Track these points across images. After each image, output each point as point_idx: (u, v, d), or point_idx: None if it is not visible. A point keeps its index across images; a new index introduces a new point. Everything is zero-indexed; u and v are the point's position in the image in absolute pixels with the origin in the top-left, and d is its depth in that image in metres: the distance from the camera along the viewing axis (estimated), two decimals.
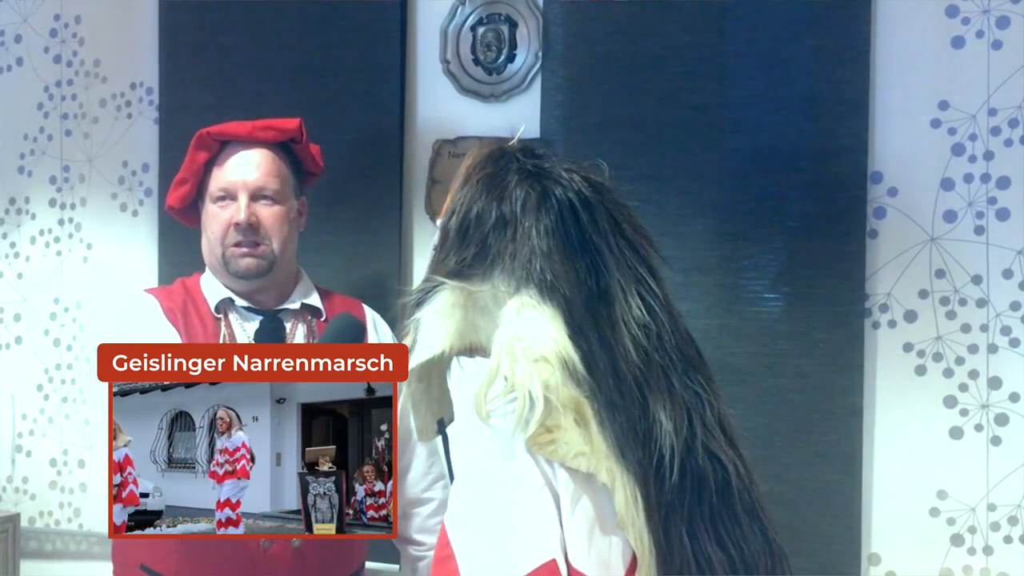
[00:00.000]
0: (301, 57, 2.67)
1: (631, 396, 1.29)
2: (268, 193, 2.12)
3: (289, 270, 2.21)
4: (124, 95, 2.90)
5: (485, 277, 1.35)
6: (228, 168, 2.13)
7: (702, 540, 1.28)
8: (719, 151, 2.30)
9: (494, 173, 1.42)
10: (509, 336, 1.30)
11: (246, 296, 2.17)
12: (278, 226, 2.12)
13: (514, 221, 1.37)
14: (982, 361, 2.11)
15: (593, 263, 1.35)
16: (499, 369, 1.29)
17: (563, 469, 1.25)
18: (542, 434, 1.25)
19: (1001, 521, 2.09)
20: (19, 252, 3.02)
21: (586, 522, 1.26)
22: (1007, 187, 2.09)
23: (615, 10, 2.37)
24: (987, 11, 2.10)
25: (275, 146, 2.18)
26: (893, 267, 2.18)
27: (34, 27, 3.00)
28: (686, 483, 1.27)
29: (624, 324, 1.33)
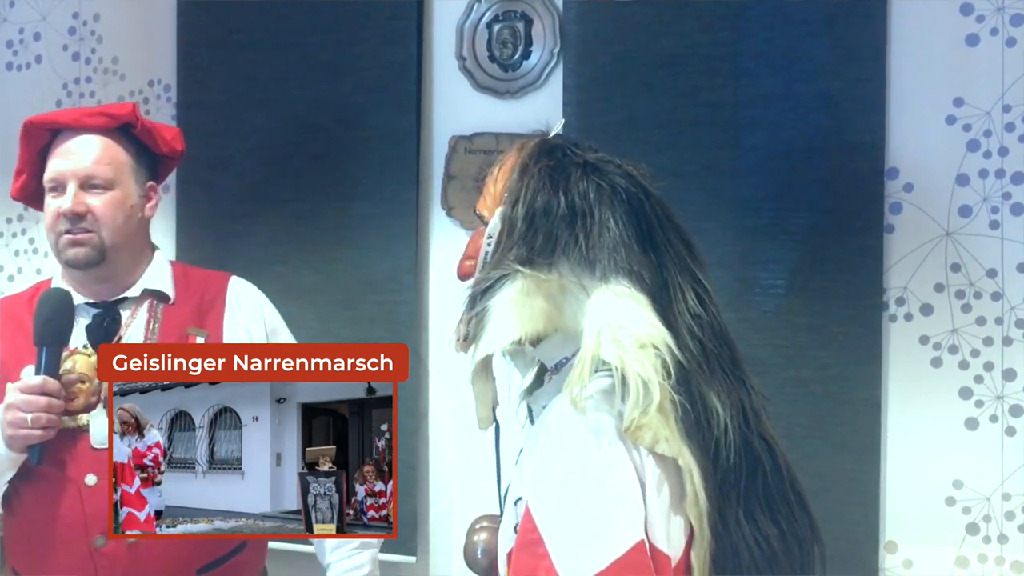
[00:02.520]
0: (317, 54, 2.66)
1: (687, 385, 1.31)
2: (98, 181, 2.04)
3: (131, 258, 2.12)
4: (142, 92, 2.90)
5: (551, 266, 1.35)
6: (57, 157, 2.06)
7: (758, 518, 1.33)
8: (737, 149, 2.30)
9: (554, 165, 1.42)
10: (608, 322, 1.29)
11: (86, 290, 2.09)
12: (109, 214, 2.04)
13: (587, 211, 1.37)
14: (997, 353, 2.10)
15: (658, 254, 1.38)
16: (600, 352, 1.27)
17: (650, 454, 1.27)
18: (636, 423, 1.26)
19: (1016, 510, 2.08)
20: (37, 248, 3.01)
21: (666, 503, 1.28)
22: (1021, 182, 2.08)
23: (632, 9, 2.36)
24: (1001, 9, 2.08)
25: (113, 132, 2.09)
26: (909, 261, 2.17)
27: (53, 25, 3.01)
28: (741, 465, 1.32)
29: (680, 315, 1.35)
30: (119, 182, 2.05)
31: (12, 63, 3.05)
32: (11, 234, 3.04)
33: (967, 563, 2.11)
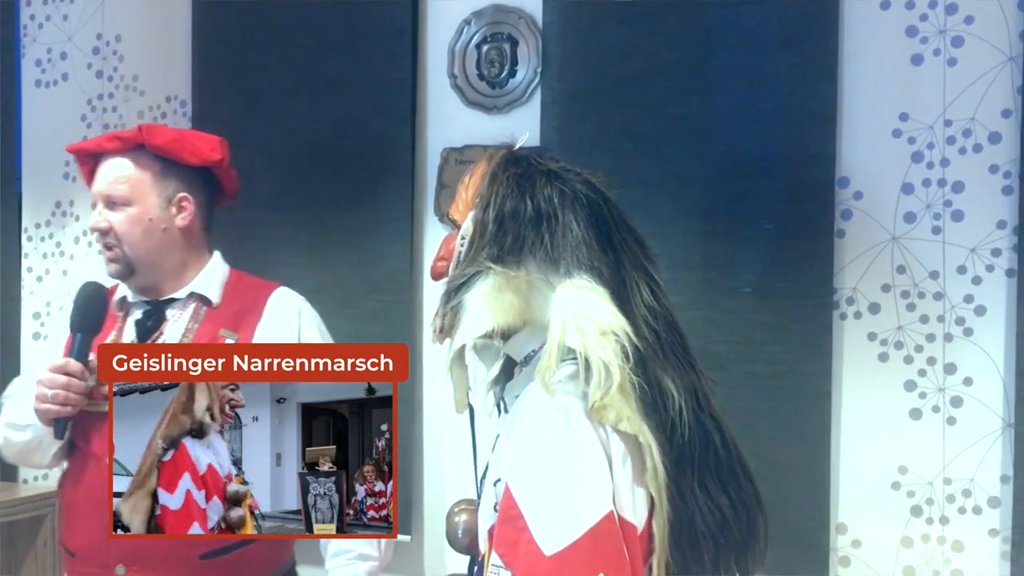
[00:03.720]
0: (321, 72, 2.68)
1: (644, 370, 1.33)
2: (116, 199, 2.05)
3: (173, 264, 2.11)
4: (160, 107, 2.92)
5: (519, 264, 1.38)
6: (94, 179, 2.10)
7: (711, 489, 1.35)
8: (702, 159, 2.30)
9: (520, 173, 1.44)
10: (572, 312, 1.32)
11: (138, 289, 2.11)
12: (126, 229, 2.04)
13: (551, 214, 1.39)
14: (939, 349, 2.13)
15: (615, 253, 1.40)
16: (565, 341, 1.30)
17: (614, 431, 1.29)
18: (601, 401, 1.29)
19: (956, 494, 2.11)
20: (64, 251, 3.05)
21: (629, 476, 1.30)
22: (961, 191, 2.11)
23: (608, 30, 2.38)
24: (943, 31, 2.12)
25: (134, 152, 2.09)
26: (858, 264, 2.19)
27: (78, 45, 3.03)
28: (694, 441, 1.33)
29: (635, 307, 1.37)
30: (137, 199, 2.05)
31: (40, 80, 3.07)
32: (39, 238, 3.07)
33: (911, 543, 2.14)
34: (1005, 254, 2.09)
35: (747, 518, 1.39)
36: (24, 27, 3.10)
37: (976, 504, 2.11)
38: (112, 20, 2.99)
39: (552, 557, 1.24)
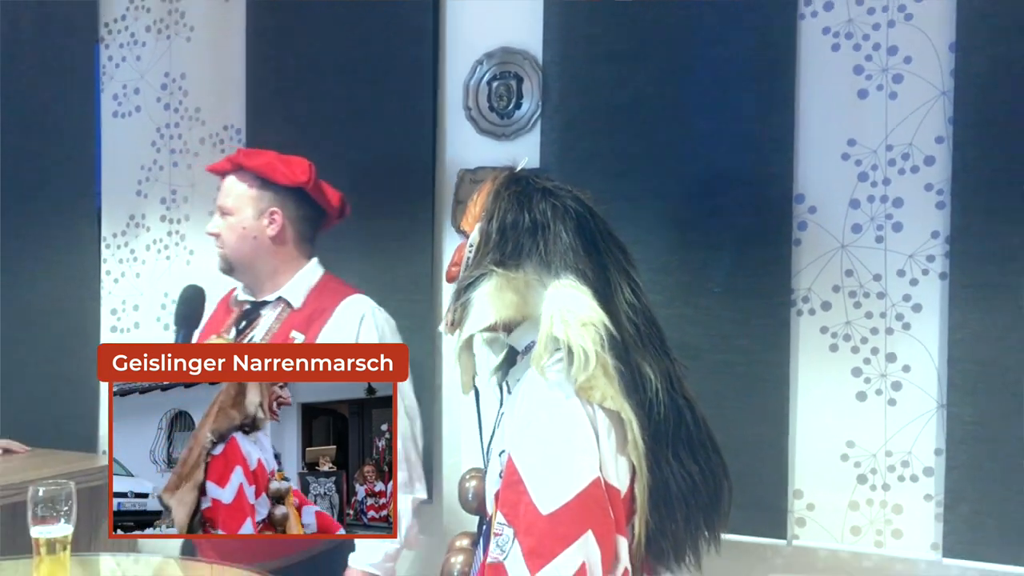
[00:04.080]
0: (355, 104, 2.67)
1: (626, 356, 1.36)
2: (224, 209, 2.12)
3: (267, 269, 2.14)
4: (218, 134, 2.93)
5: (518, 267, 1.41)
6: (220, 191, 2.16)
7: (683, 459, 1.39)
8: (678, 178, 2.29)
9: (519, 191, 1.47)
10: (559, 308, 1.35)
11: (246, 288, 2.17)
12: (226, 236, 2.11)
13: (545, 225, 1.42)
14: (881, 341, 2.13)
15: (600, 258, 1.44)
16: (552, 331, 1.33)
17: (599, 408, 1.33)
18: (587, 382, 1.32)
19: (896, 464, 2.12)
20: (138, 257, 3.07)
21: (613, 447, 1.34)
22: (901, 206, 2.11)
23: (599, 68, 2.38)
24: (885, 69, 2.12)
25: (241, 172, 2.14)
26: (812, 268, 2.19)
27: (149, 82, 3.05)
28: (669, 418, 1.38)
29: (618, 303, 1.40)
30: (237, 211, 2.11)
31: (117, 112, 3.08)
32: (116, 246, 3.09)
33: (858, 506, 2.14)
34: (938, 260, 2.09)
35: (714, 484, 1.43)
36: (103, 66, 3.11)
37: (913, 473, 2.11)
38: (177, 61, 3.01)
39: (548, 516, 1.28)
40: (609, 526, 1.31)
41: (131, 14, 3.08)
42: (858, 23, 2.15)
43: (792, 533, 2.20)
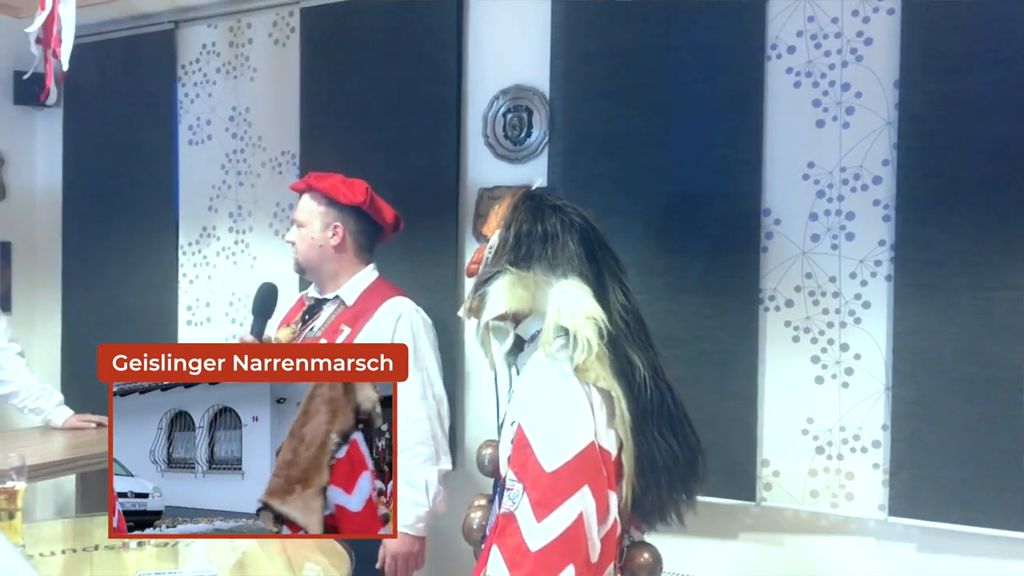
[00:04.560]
0: (391, 133, 2.67)
1: (616, 346, 1.37)
2: (298, 222, 2.16)
3: (327, 271, 2.16)
4: (277, 159, 2.94)
5: (529, 268, 1.42)
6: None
7: (665, 435, 1.39)
8: (663, 195, 2.28)
9: (534, 205, 1.49)
10: (566, 302, 1.37)
11: (317, 286, 2.21)
12: (299, 243, 2.15)
13: (555, 235, 1.44)
14: (836, 333, 2.12)
15: (598, 265, 1.44)
16: (560, 321, 1.35)
17: (593, 387, 1.34)
18: (584, 364, 1.33)
19: (848, 438, 2.11)
20: (209, 262, 3.08)
21: (604, 419, 1.34)
22: (853, 219, 2.10)
23: (596, 103, 2.37)
24: (840, 103, 2.10)
25: (312, 191, 2.17)
26: (777, 271, 2.18)
27: (219, 114, 3.06)
28: (653, 400, 1.38)
29: (612, 303, 1.41)
30: (308, 224, 2.14)
31: (192, 140, 3.10)
32: (191, 253, 3.09)
33: (816, 473, 2.13)
34: (884, 264, 2.08)
35: (690, 455, 1.43)
36: (180, 102, 3.13)
37: (863, 445, 2.09)
38: (243, 96, 3.02)
39: (551, 472, 1.28)
40: (602, 483, 1.32)
41: (204, 58, 3.09)
42: (816, 64, 2.14)
43: (760, 496, 2.19)
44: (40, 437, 2.69)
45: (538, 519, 1.27)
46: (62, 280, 3.39)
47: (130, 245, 3.19)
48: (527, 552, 1.27)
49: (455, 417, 2.56)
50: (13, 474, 1.58)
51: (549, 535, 1.27)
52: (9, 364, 2.68)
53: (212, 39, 3.06)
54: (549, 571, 1.26)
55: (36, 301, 3.45)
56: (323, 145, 2.81)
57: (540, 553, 1.26)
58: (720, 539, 2.26)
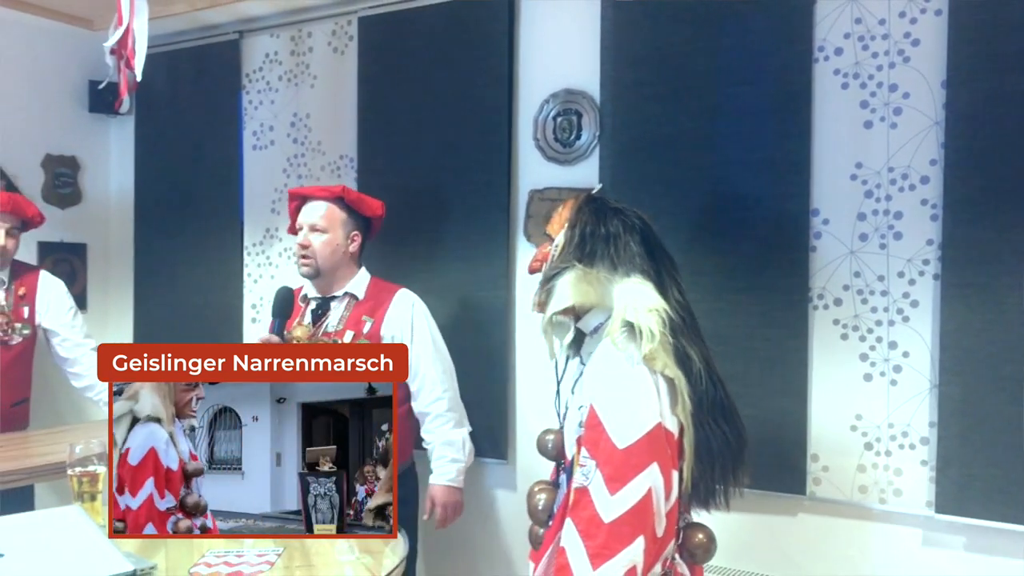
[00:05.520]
0: (444, 137, 2.75)
1: (675, 338, 1.45)
2: (318, 228, 2.29)
3: (341, 273, 2.33)
4: (336, 163, 3.02)
5: (592, 265, 1.50)
6: (302, 212, 2.34)
7: (719, 422, 1.47)
8: (713, 196, 2.31)
9: (596, 208, 1.57)
10: (631, 297, 1.45)
11: (317, 289, 2.35)
12: (320, 248, 2.29)
13: (617, 236, 1.53)
14: (884, 331, 2.13)
15: (657, 263, 1.53)
16: (625, 315, 1.44)
17: (659, 374, 1.42)
18: (651, 353, 1.42)
19: (896, 434, 2.13)
20: (272, 262, 3.19)
21: (667, 405, 1.42)
22: (901, 218, 2.12)
23: (645, 106, 2.41)
24: (887, 103, 2.12)
25: (333, 200, 2.33)
26: (826, 270, 2.20)
27: (281, 121, 3.17)
28: (707, 390, 1.46)
29: (670, 299, 1.50)
30: (332, 230, 2.30)
31: (256, 145, 3.21)
32: (255, 253, 3.21)
33: (864, 469, 2.16)
34: (932, 263, 2.09)
35: (740, 444, 1.51)
36: (245, 109, 3.24)
37: (911, 442, 2.12)
38: (304, 103, 3.11)
39: (623, 450, 1.37)
40: (667, 459, 1.40)
41: (267, 67, 3.21)
42: (864, 65, 2.17)
43: (810, 490, 2.22)
44: None
45: (611, 492, 1.36)
46: (134, 279, 3.56)
47: (198, 246, 3.33)
48: (600, 523, 1.35)
49: (505, 409, 2.66)
50: (95, 459, 1.69)
51: (621, 507, 1.35)
52: (85, 359, 2.86)
53: (275, 48, 3.18)
54: (620, 541, 1.35)
55: (110, 300, 3.64)
56: (379, 149, 2.91)
57: (613, 524, 1.35)
58: (769, 530, 2.30)
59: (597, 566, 1.35)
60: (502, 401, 2.67)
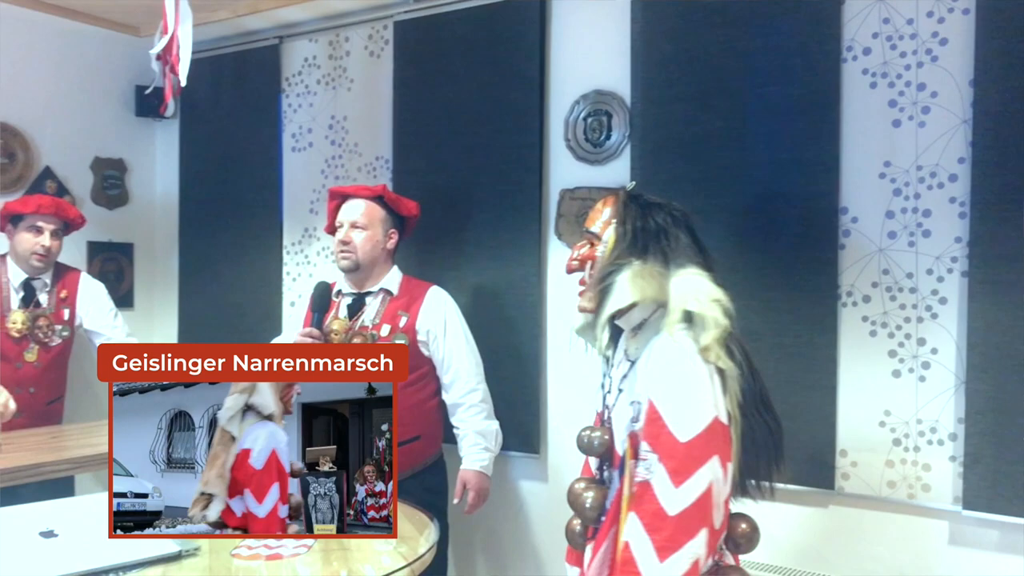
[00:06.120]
0: (477, 139, 2.81)
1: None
2: (359, 225, 2.38)
3: (377, 270, 2.42)
4: (371, 164, 3.10)
5: (645, 260, 1.52)
6: (342, 210, 2.43)
7: (761, 413, 1.51)
8: (743, 195, 2.34)
9: (642, 204, 1.60)
10: (692, 288, 1.46)
11: (352, 284, 2.43)
12: (362, 243, 2.38)
13: (666, 230, 1.56)
14: (913, 328, 2.16)
15: (704, 256, 1.57)
16: (686, 306, 1.44)
17: (713, 366, 1.44)
18: (707, 345, 1.43)
19: (925, 430, 2.15)
20: (310, 260, 3.27)
21: (723, 393, 1.45)
22: (929, 216, 2.14)
23: (675, 106, 2.46)
24: (916, 103, 2.15)
25: (373, 199, 2.42)
26: (855, 268, 2.22)
27: (319, 123, 3.25)
28: (749, 383, 1.49)
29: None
30: (371, 227, 2.39)
31: (295, 147, 3.30)
32: (294, 252, 3.30)
33: (893, 464, 2.18)
34: (960, 260, 2.11)
35: (780, 435, 1.55)
36: (284, 112, 3.33)
37: (940, 438, 2.14)
38: (341, 106, 3.19)
39: (685, 443, 1.39)
40: (727, 453, 1.43)
41: (306, 70, 3.30)
42: (892, 64, 2.19)
43: (838, 485, 2.25)
44: None
45: (675, 486, 1.38)
46: (179, 278, 3.69)
47: (239, 245, 3.44)
48: (665, 516, 1.37)
49: (537, 407, 2.72)
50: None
51: (686, 500, 1.37)
52: None
53: (313, 53, 3.27)
54: (686, 534, 1.38)
55: (155, 298, 3.78)
56: (414, 150, 2.98)
57: (678, 518, 1.37)
58: (798, 525, 2.34)
59: (664, 559, 1.36)
60: (534, 397, 2.73)
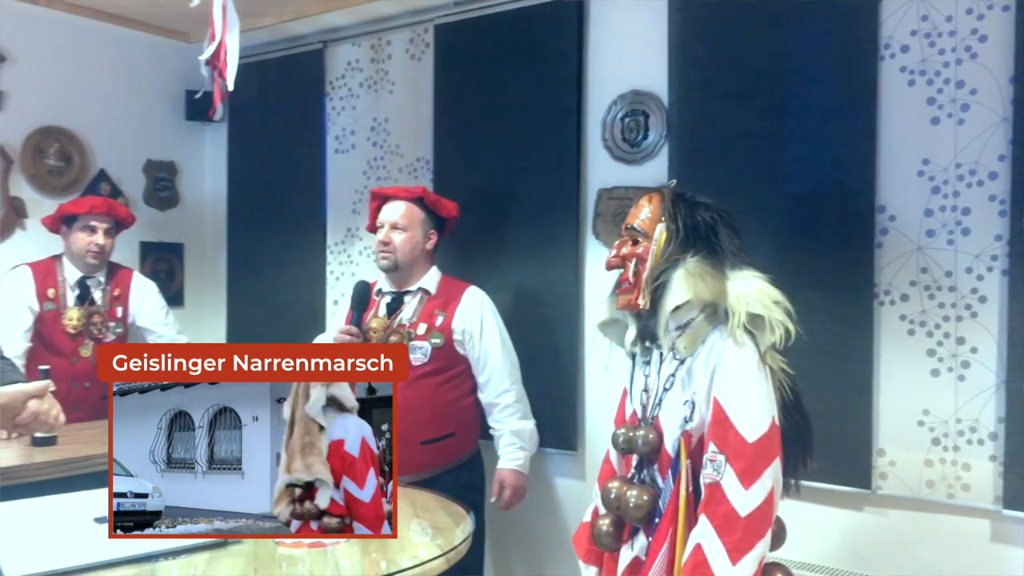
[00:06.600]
0: (517, 139, 2.87)
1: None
2: (399, 226, 2.44)
3: (416, 269, 2.48)
4: (412, 165, 3.17)
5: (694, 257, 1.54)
6: (383, 211, 2.49)
7: (791, 411, 1.56)
8: (780, 194, 2.36)
9: (688, 203, 1.62)
10: (754, 290, 1.49)
11: (391, 284, 2.49)
12: (402, 244, 2.44)
13: (713, 228, 1.58)
14: (952, 327, 2.15)
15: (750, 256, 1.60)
16: (750, 309, 1.47)
17: (769, 367, 1.49)
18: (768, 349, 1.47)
19: (964, 430, 2.15)
20: (353, 260, 3.36)
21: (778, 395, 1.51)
22: (968, 214, 2.14)
23: (712, 106, 2.48)
24: (954, 100, 2.15)
25: (414, 200, 2.47)
26: (893, 266, 2.23)
27: (362, 125, 3.34)
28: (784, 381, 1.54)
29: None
30: (411, 228, 2.45)
31: (338, 149, 3.38)
32: (337, 251, 3.39)
33: (932, 464, 2.18)
34: (1000, 259, 2.11)
35: (809, 432, 1.60)
36: (328, 114, 3.43)
37: (980, 437, 2.13)
38: (383, 108, 3.27)
39: (753, 444, 1.42)
40: (781, 455, 1.47)
41: (349, 74, 3.39)
42: (930, 62, 2.20)
43: (876, 484, 2.26)
44: None
45: (745, 487, 1.40)
46: (227, 278, 3.82)
47: (285, 245, 3.54)
48: (737, 518, 1.39)
49: (575, 404, 2.77)
50: None
51: (755, 502, 1.40)
52: None
53: (356, 56, 3.36)
54: (756, 535, 1.41)
55: (205, 296, 3.92)
56: (454, 151, 3.04)
57: (748, 519, 1.40)
58: (836, 524, 2.35)
59: (736, 560, 1.38)
60: (572, 395, 2.77)
